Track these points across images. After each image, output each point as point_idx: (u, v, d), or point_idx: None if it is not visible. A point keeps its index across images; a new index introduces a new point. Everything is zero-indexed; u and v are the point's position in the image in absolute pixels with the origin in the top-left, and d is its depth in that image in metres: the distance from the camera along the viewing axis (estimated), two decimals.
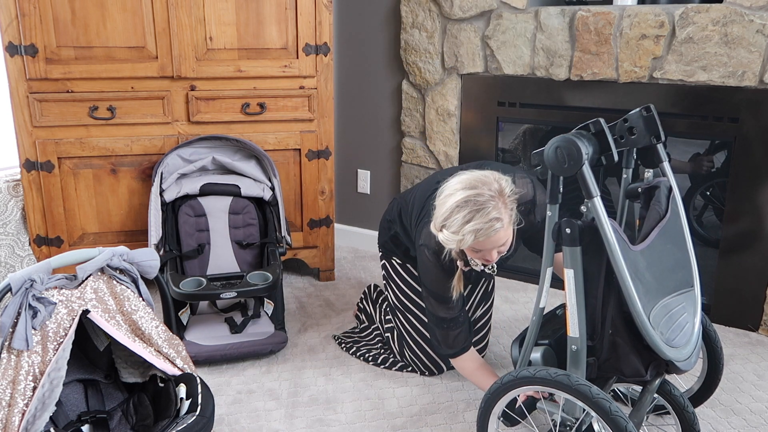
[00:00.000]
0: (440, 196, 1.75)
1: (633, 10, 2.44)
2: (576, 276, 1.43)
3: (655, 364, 1.48)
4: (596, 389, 1.39)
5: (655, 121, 1.58)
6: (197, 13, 2.52)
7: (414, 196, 2.12)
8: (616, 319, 1.45)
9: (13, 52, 2.40)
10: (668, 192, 1.62)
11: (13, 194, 2.68)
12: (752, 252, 2.44)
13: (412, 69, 3.02)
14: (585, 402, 1.40)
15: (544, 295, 1.53)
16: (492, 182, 1.70)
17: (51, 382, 1.46)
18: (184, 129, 2.64)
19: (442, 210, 1.71)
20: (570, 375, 1.43)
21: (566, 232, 1.41)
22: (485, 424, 1.61)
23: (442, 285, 1.93)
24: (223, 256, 2.54)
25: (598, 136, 1.47)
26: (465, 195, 1.67)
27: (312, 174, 2.83)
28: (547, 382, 1.45)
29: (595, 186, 1.37)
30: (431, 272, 1.94)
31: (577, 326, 1.45)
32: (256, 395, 2.09)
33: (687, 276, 1.60)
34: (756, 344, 2.42)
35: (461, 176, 1.74)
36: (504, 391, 1.55)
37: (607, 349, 1.48)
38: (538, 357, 1.57)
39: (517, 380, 1.51)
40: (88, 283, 1.60)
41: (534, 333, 1.57)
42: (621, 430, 1.35)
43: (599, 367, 1.51)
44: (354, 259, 3.27)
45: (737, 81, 2.32)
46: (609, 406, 1.36)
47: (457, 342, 1.97)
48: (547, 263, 1.51)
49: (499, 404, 1.58)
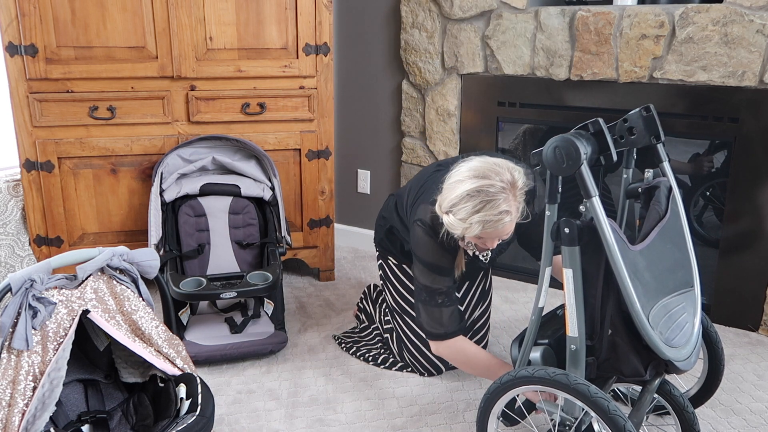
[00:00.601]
0: (449, 180, 1.72)
1: (633, 10, 2.44)
2: (575, 275, 1.43)
3: (654, 364, 1.48)
4: (594, 388, 1.39)
5: (655, 121, 1.59)
6: (197, 13, 2.52)
7: (410, 185, 2.10)
8: (615, 319, 1.45)
9: (13, 52, 2.40)
10: (668, 192, 1.62)
11: (13, 194, 2.68)
12: (752, 252, 2.44)
13: (412, 69, 3.02)
14: (583, 401, 1.40)
15: (543, 295, 1.53)
16: (504, 172, 1.67)
17: (51, 382, 1.46)
18: (184, 129, 2.64)
19: (452, 195, 1.69)
20: (568, 374, 1.43)
21: (565, 231, 1.42)
22: (485, 424, 1.61)
23: (438, 256, 1.88)
24: (223, 256, 2.54)
25: (597, 136, 1.47)
26: (477, 185, 1.65)
27: (312, 174, 2.83)
28: (545, 382, 1.45)
29: (593, 186, 1.37)
30: (426, 244, 1.88)
31: (576, 326, 1.45)
32: (256, 395, 2.09)
33: (687, 276, 1.60)
34: (756, 344, 2.42)
35: (472, 162, 1.71)
36: (503, 391, 1.55)
37: (606, 349, 1.48)
38: (538, 356, 1.57)
39: (516, 380, 1.51)
40: (88, 283, 1.60)
41: (533, 333, 1.57)
42: (619, 429, 1.35)
43: (598, 367, 1.51)
44: (354, 259, 3.27)
45: (737, 81, 2.32)
46: (607, 405, 1.36)
47: (452, 321, 1.90)
48: (546, 263, 1.51)
49: (499, 404, 1.58)
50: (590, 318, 1.48)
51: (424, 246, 1.89)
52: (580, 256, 1.43)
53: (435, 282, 1.90)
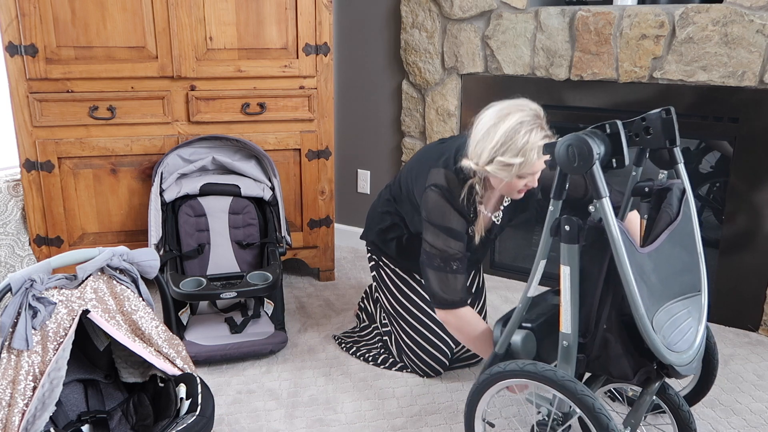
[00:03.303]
0: (478, 134, 1.75)
1: (633, 10, 2.44)
2: (572, 273, 1.43)
3: (645, 370, 1.48)
4: (581, 386, 1.40)
5: (673, 125, 1.55)
6: (197, 13, 2.52)
7: (409, 164, 2.09)
8: (611, 320, 1.46)
9: (13, 52, 2.40)
10: (681, 195, 1.61)
11: (13, 194, 2.68)
12: (752, 252, 2.44)
13: (412, 69, 3.02)
14: (570, 398, 1.42)
15: (534, 287, 1.54)
16: (527, 105, 1.73)
17: (51, 382, 1.46)
18: (184, 129, 2.64)
19: (493, 141, 1.71)
20: (557, 371, 1.44)
21: (565, 229, 1.42)
22: (472, 416, 1.64)
23: (455, 219, 1.86)
24: (223, 256, 2.54)
25: (612, 138, 1.44)
26: (516, 118, 1.69)
27: (312, 174, 2.83)
28: (534, 376, 1.47)
29: (604, 186, 1.36)
30: (441, 207, 1.86)
31: (569, 323, 1.46)
32: (256, 395, 2.09)
33: (695, 280, 1.59)
34: (756, 344, 2.42)
35: (492, 109, 1.76)
36: (492, 383, 1.57)
37: (598, 348, 1.49)
38: (518, 340, 1.60)
39: (506, 372, 1.53)
40: (88, 283, 1.60)
41: (518, 319, 1.59)
42: (604, 428, 1.36)
43: (588, 365, 1.52)
44: (354, 259, 3.27)
45: (737, 81, 2.32)
46: (593, 404, 1.38)
47: (464, 290, 1.88)
48: (541, 256, 1.52)
49: (486, 395, 1.60)
50: (585, 317, 1.48)
51: (439, 209, 1.87)
52: (584, 255, 1.43)
53: (450, 246, 1.86)
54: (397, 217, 2.16)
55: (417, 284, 2.19)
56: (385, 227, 2.19)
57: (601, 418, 1.36)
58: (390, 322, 2.26)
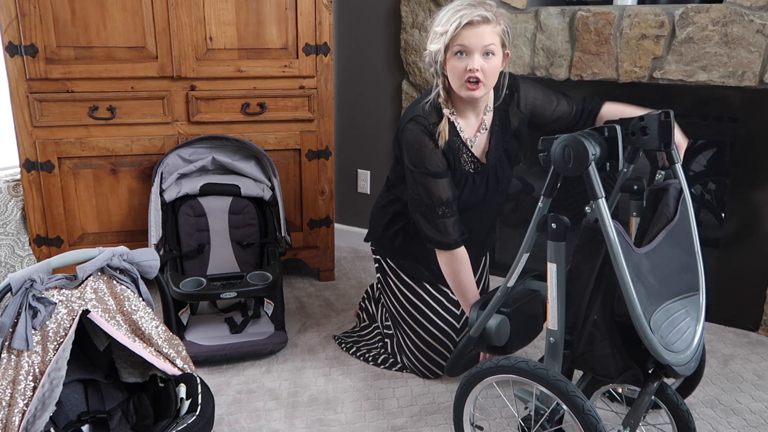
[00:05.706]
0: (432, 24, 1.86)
1: (633, 10, 2.44)
2: (558, 270, 1.44)
3: (631, 372, 1.48)
4: (572, 386, 1.41)
5: (670, 129, 1.55)
6: (197, 13, 2.52)
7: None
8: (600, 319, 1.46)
9: (13, 52, 2.40)
10: (678, 194, 1.61)
11: (13, 194, 2.68)
12: (752, 252, 2.44)
13: (412, 69, 3.02)
14: (560, 397, 1.42)
15: (515, 277, 1.56)
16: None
17: (51, 382, 1.46)
18: (184, 129, 2.64)
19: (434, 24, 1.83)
20: (548, 369, 1.45)
21: (552, 227, 1.42)
22: (461, 409, 1.65)
23: (433, 157, 1.86)
24: (223, 256, 2.54)
25: (609, 142, 1.44)
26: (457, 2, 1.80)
27: (312, 174, 2.83)
28: (525, 374, 1.48)
29: (600, 187, 1.36)
30: (418, 141, 1.87)
31: (556, 319, 1.47)
32: (256, 395, 2.09)
33: (693, 280, 1.59)
34: (756, 344, 2.42)
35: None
36: (482, 377, 1.58)
37: (583, 345, 1.49)
38: (493, 324, 1.65)
39: (497, 368, 1.54)
40: (88, 283, 1.60)
41: (495, 306, 1.62)
42: (592, 429, 1.36)
43: (572, 361, 1.53)
44: (354, 259, 3.27)
45: (737, 81, 2.32)
46: (582, 405, 1.38)
47: (456, 229, 1.90)
48: (524, 249, 1.53)
49: (476, 389, 1.61)
50: (573, 314, 1.49)
51: (416, 145, 1.87)
52: (577, 253, 1.44)
53: (432, 188, 1.87)
54: (398, 204, 2.14)
55: (420, 287, 2.19)
56: (388, 220, 2.18)
57: (590, 420, 1.37)
58: (393, 325, 2.26)
